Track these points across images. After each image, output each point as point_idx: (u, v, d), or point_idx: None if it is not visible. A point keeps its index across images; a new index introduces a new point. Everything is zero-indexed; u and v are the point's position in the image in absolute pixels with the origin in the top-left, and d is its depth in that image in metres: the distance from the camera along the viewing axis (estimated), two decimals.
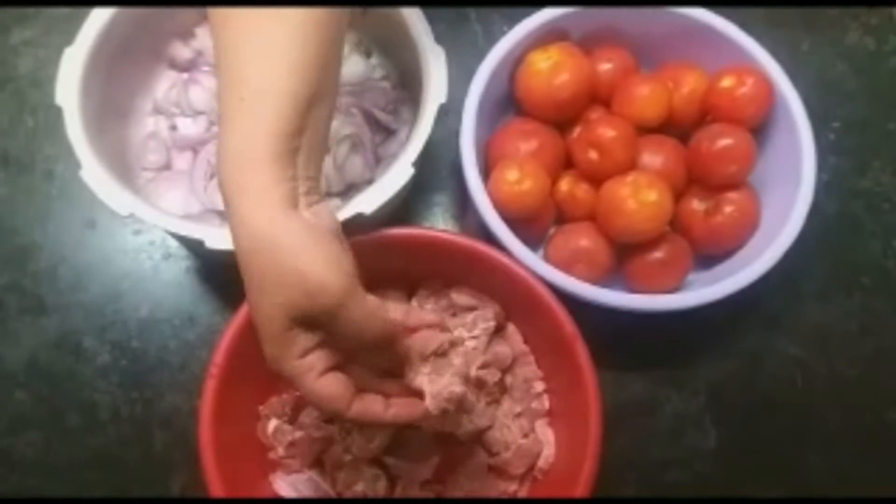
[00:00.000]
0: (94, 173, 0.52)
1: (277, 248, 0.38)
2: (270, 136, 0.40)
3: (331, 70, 0.44)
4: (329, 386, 0.40)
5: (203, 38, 0.66)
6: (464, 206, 0.67)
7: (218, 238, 0.51)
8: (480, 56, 0.61)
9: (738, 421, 0.61)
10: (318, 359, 0.40)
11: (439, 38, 0.57)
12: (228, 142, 0.40)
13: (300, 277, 0.38)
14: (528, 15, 0.62)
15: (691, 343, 0.63)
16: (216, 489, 0.48)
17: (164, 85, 0.66)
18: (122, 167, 0.60)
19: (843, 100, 0.72)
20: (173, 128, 0.64)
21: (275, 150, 0.40)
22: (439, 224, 0.67)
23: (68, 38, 0.55)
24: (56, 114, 0.53)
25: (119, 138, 0.62)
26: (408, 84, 0.65)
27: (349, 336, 0.41)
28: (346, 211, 0.52)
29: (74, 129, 0.53)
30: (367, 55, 0.67)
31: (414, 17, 0.57)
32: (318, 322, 0.40)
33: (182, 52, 0.65)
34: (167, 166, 0.63)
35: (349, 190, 0.62)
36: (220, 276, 0.62)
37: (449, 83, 0.56)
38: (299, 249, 0.39)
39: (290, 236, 0.39)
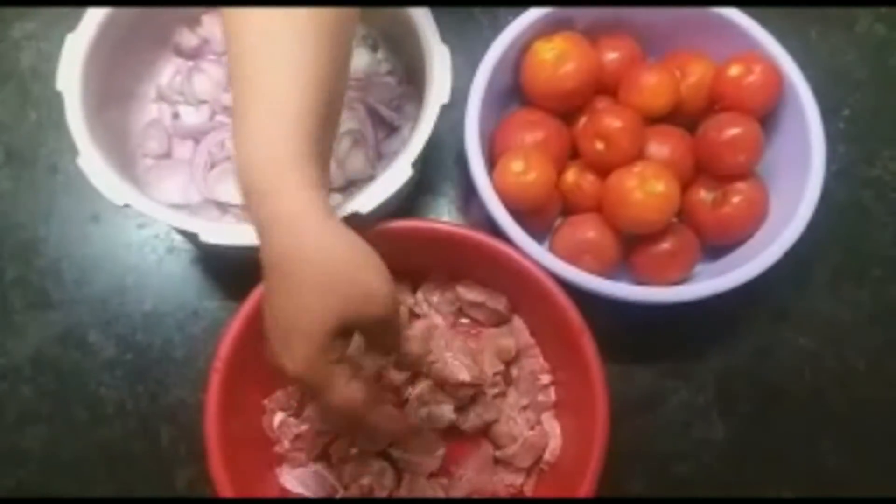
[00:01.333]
0: (91, 162, 0.52)
1: (334, 256, 0.39)
2: (302, 137, 0.40)
3: (343, 74, 0.44)
4: (357, 391, 0.41)
5: (210, 25, 0.65)
6: (469, 198, 0.66)
7: (214, 232, 0.50)
8: (486, 46, 0.60)
9: (747, 413, 0.61)
10: (346, 365, 0.41)
11: (445, 29, 0.56)
12: (251, 142, 0.40)
13: (358, 287, 0.40)
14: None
15: (699, 335, 0.63)
16: (222, 483, 0.48)
17: (169, 71, 0.65)
18: (123, 154, 0.59)
19: (853, 88, 0.71)
20: (175, 116, 0.63)
21: (308, 152, 0.40)
22: (444, 216, 0.66)
23: (70, 30, 0.55)
24: (59, 107, 0.53)
25: (121, 125, 0.62)
26: (413, 80, 0.65)
27: (386, 344, 0.44)
28: (343, 210, 0.51)
29: (74, 115, 0.53)
30: (374, 49, 0.67)
31: (421, 14, 0.57)
32: (362, 329, 0.41)
33: (188, 39, 0.65)
34: (168, 154, 0.63)
35: (349, 186, 0.62)
36: (225, 269, 0.62)
37: (454, 73, 0.55)
38: (357, 259, 0.40)
39: (344, 245, 0.40)
